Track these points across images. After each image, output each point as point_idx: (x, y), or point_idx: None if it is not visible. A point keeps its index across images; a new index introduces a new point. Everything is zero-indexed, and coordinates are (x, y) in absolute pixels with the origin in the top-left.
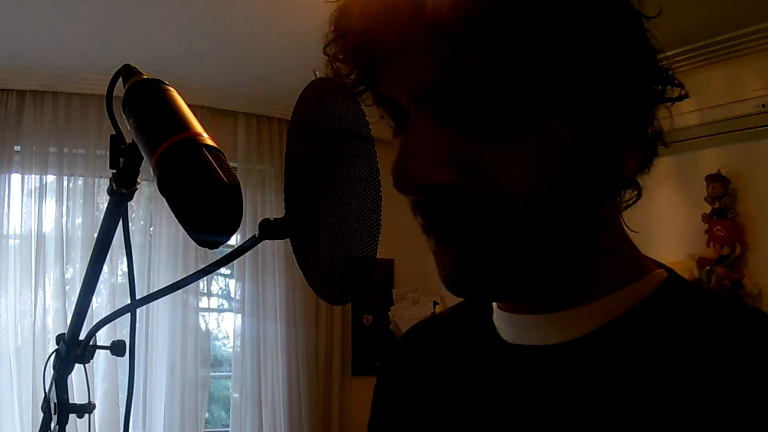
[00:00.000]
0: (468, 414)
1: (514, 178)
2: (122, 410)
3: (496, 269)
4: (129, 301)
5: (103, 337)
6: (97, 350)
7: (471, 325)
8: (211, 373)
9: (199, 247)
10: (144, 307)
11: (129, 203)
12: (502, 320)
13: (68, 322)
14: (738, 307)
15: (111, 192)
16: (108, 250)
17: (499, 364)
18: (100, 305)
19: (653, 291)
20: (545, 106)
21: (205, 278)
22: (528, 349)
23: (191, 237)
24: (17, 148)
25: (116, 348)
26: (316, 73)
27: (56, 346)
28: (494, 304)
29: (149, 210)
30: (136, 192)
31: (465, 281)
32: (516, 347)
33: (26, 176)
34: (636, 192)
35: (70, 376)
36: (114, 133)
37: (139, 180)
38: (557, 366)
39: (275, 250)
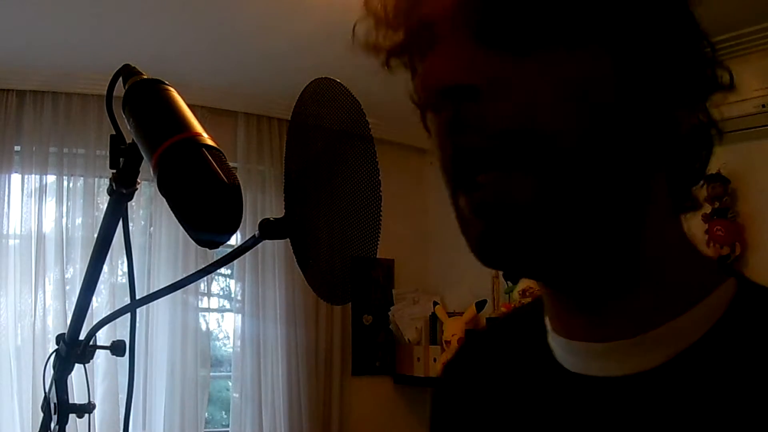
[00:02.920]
0: None
1: (543, 96)
2: (122, 410)
3: (537, 215)
4: (129, 301)
5: (103, 337)
6: (97, 350)
7: (525, 346)
8: (211, 373)
9: (199, 247)
10: (144, 307)
11: (129, 203)
12: (559, 345)
13: (68, 322)
14: None
15: (111, 192)
16: (108, 250)
17: (562, 394)
18: (100, 305)
19: (727, 308)
20: (584, 29)
21: (205, 278)
22: (593, 380)
23: (191, 237)
24: (17, 148)
25: (116, 348)
26: (354, 33)
27: (56, 346)
28: (549, 327)
29: (149, 210)
30: (136, 192)
31: (497, 239)
32: (580, 377)
33: (26, 176)
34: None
35: (70, 376)
36: (114, 133)
37: (139, 180)
38: (626, 400)
39: (275, 250)
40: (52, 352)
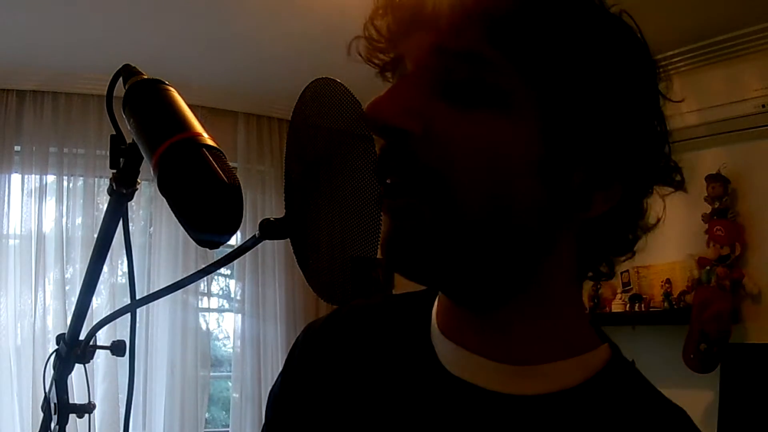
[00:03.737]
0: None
1: (465, 150)
2: (122, 410)
3: (425, 237)
4: (129, 301)
5: (103, 337)
6: (97, 350)
7: (406, 334)
8: (211, 373)
9: (199, 247)
10: (144, 307)
11: (129, 203)
12: (444, 346)
13: (68, 322)
14: (664, 404)
15: (111, 192)
16: (108, 250)
17: (439, 392)
18: (100, 305)
19: (600, 368)
20: (521, 98)
21: (205, 278)
22: (471, 387)
23: (191, 237)
24: (17, 148)
25: (116, 348)
26: (350, 45)
27: (56, 346)
28: (435, 326)
29: (149, 210)
30: (136, 192)
31: (395, 247)
32: (464, 383)
33: (26, 176)
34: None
35: (70, 376)
36: (114, 133)
37: (139, 180)
38: (498, 414)
39: (275, 250)
40: (52, 352)
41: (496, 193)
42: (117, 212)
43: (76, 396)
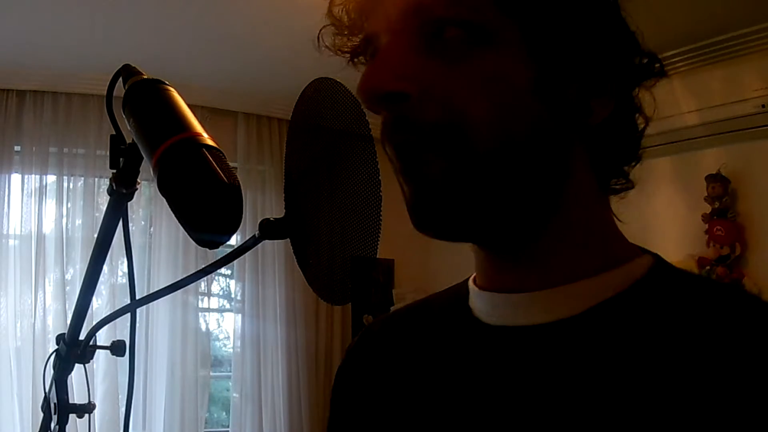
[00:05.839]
0: (446, 400)
1: (471, 99)
2: (122, 410)
3: (450, 189)
4: (129, 301)
5: (103, 337)
6: (97, 350)
7: (445, 311)
8: (211, 374)
9: (199, 247)
10: (144, 307)
11: (129, 203)
12: (481, 300)
13: (68, 322)
14: (735, 292)
15: (111, 192)
16: (108, 250)
17: (479, 347)
18: (100, 305)
19: (643, 275)
20: (502, 30)
21: (205, 278)
22: (511, 330)
23: (191, 237)
24: (17, 148)
25: (116, 348)
26: (318, 39)
27: (56, 346)
28: (472, 285)
29: (149, 210)
30: (136, 192)
31: (423, 209)
32: (497, 328)
33: (26, 176)
34: (628, 183)
35: (70, 376)
36: (114, 133)
37: (139, 180)
38: (542, 346)
39: (275, 250)
40: (52, 352)
41: (505, 127)
42: (117, 212)
43: (76, 396)
